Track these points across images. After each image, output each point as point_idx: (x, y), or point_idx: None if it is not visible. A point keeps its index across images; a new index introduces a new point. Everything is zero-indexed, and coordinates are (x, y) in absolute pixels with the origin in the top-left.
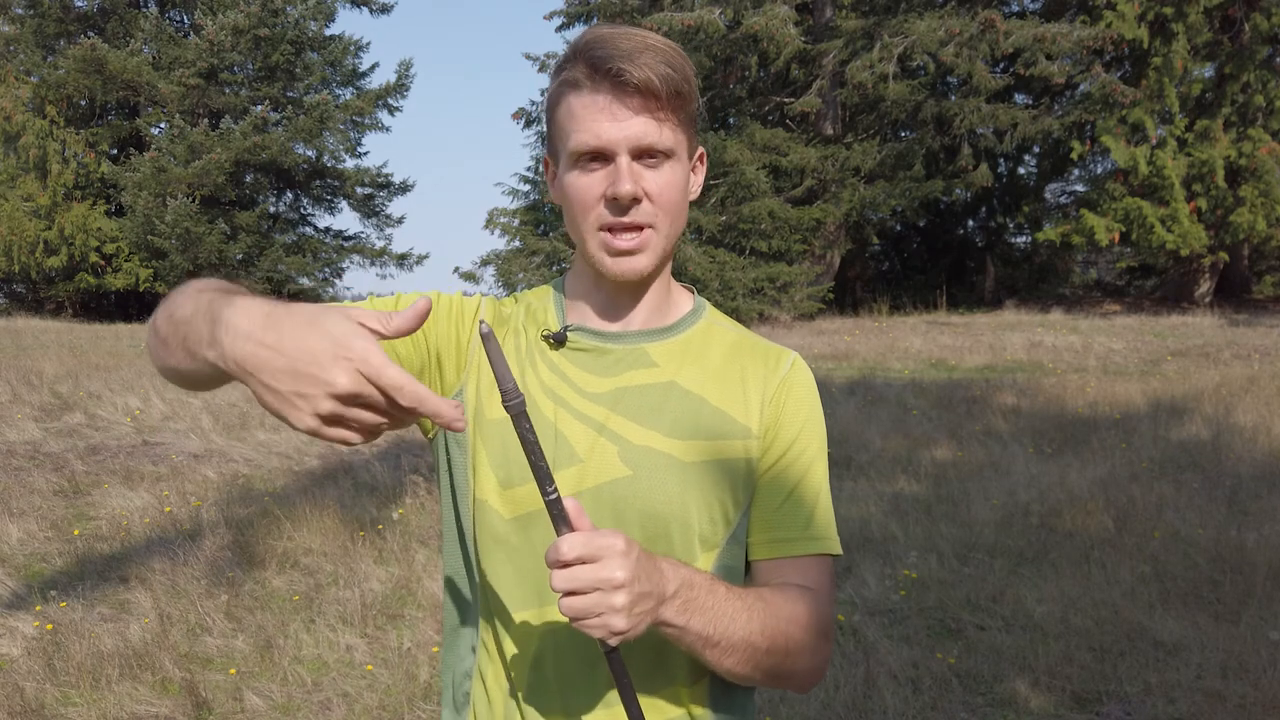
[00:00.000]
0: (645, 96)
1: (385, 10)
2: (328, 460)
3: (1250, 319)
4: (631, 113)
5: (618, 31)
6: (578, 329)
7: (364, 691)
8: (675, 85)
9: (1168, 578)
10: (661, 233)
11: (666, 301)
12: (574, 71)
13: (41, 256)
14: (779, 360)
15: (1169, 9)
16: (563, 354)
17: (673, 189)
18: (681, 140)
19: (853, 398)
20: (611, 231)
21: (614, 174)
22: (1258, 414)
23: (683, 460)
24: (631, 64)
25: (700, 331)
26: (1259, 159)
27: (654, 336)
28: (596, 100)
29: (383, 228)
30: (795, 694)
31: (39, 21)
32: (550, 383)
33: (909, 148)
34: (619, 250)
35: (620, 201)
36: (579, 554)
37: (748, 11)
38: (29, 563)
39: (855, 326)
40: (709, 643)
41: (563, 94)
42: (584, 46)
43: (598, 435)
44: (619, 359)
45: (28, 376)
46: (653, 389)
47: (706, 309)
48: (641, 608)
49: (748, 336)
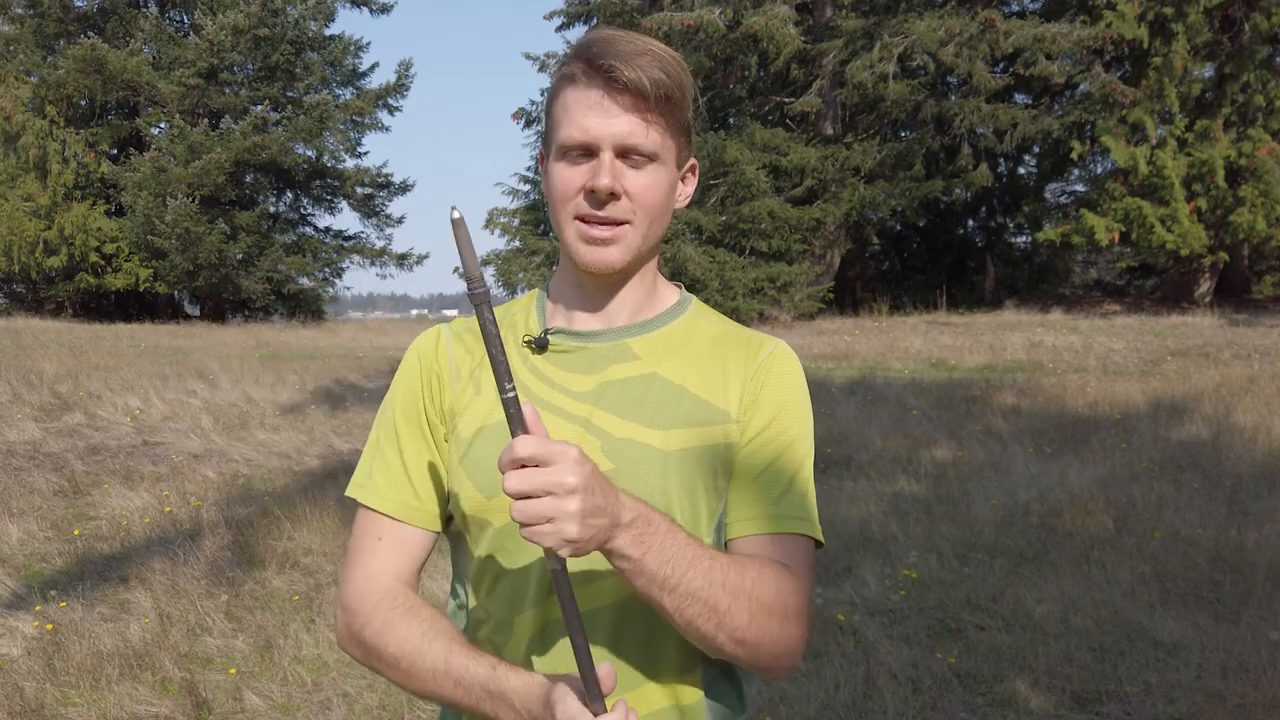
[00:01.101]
0: (634, 96)
1: (385, 10)
2: (328, 460)
3: (1250, 319)
4: (620, 110)
5: (621, 34)
6: (558, 332)
7: (364, 691)
8: (666, 90)
9: (1168, 578)
10: (638, 231)
11: (650, 299)
12: (572, 67)
13: (41, 256)
14: (760, 346)
15: (1169, 9)
16: (546, 358)
17: (654, 191)
18: (669, 146)
19: (853, 398)
20: (587, 221)
21: (596, 168)
22: (1258, 414)
23: (663, 450)
24: (625, 63)
25: (684, 324)
26: (1259, 159)
27: (636, 331)
28: (589, 95)
29: (383, 228)
30: (795, 694)
31: (39, 21)
32: (537, 389)
33: (909, 148)
34: (593, 238)
35: (598, 194)
36: (532, 453)
37: (748, 11)
38: (29, 563)
39: (855, 326)
40: (666, 585)
41: (560, 88)
42: (585, 45)
43: (584, 432)
44: (602, 355)
45: (28, 376)
46: (635, 381)
47: (692, 303)
48: (595, 521)
49: (733, 328)
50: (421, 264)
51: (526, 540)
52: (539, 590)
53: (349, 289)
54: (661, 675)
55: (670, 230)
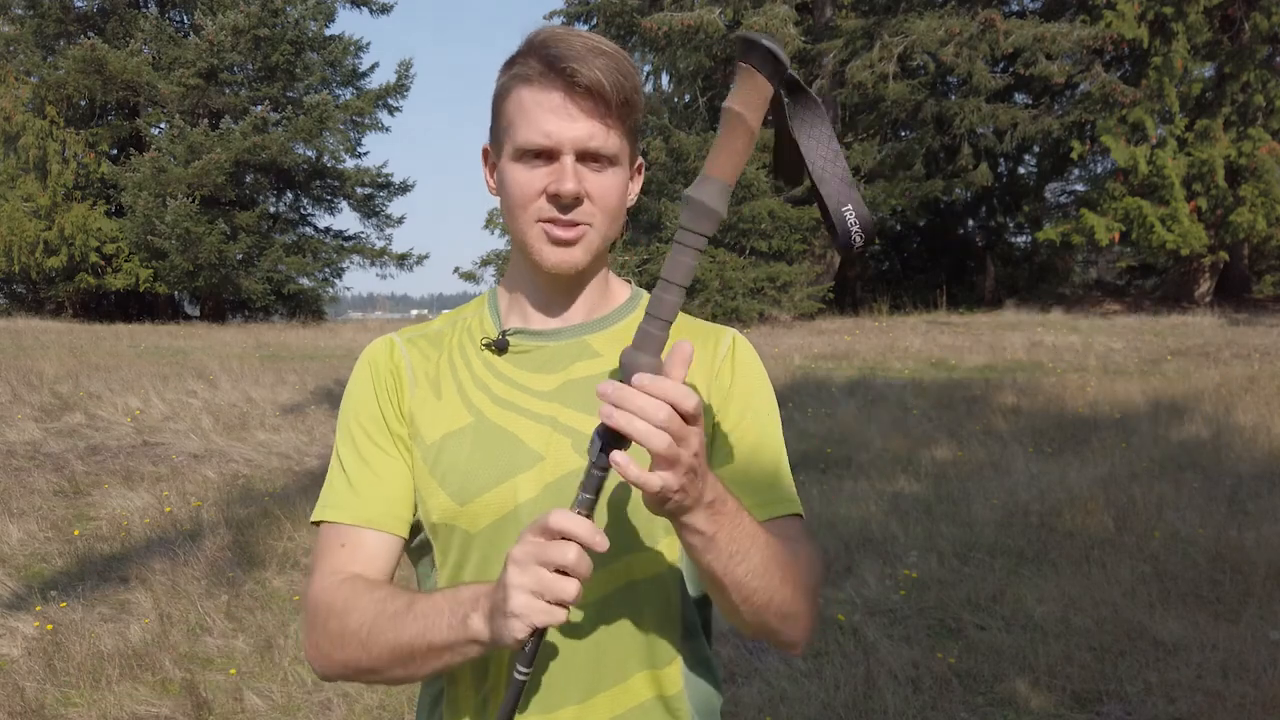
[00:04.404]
0: (595, 100)
1: (385, 10)
2: (327, 460)
3: (1250, 318)
4: (582, 114)
5: (571, 33)
6: (517, 332)
7: (364, 692)
8: (625, 94)
9: (1168, 577)
10: (598, 232)
11: (604, 296)
12: (527, 66)
13: (41, 257)
14: (719, 339)
15: (1169, 9)
16: (507, 359)
17: (613, 193)
18: (625, 148)
19: (853, 398)
20: (553, 224)
21: (558, 172)
22: (1258, 413)
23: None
24: (585, 65)
25: (639, 318)
26: (1259, 158)
27: (594, 328)
28: (549, 98)
29: (383, 228)
30: (795, 693)
31: (39, 21)
32: (501, 392)
33: (909, 147)
34: (559, 239)
35: (562, 199)
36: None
37: (748, 11)
38: (29, 563)
39: (855, 326)
40: (733, 560)
41: (513, 86)
42: (539, 44)
43: (553, 431)
44: (562, 353)
45: (28, 376)
46: (598, 379)
47: (644, 298)
48: (694, 487)
49: (686, 321)
50: (421, 264)
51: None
52: None
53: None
54: (644, 668)
55: (671, 230)
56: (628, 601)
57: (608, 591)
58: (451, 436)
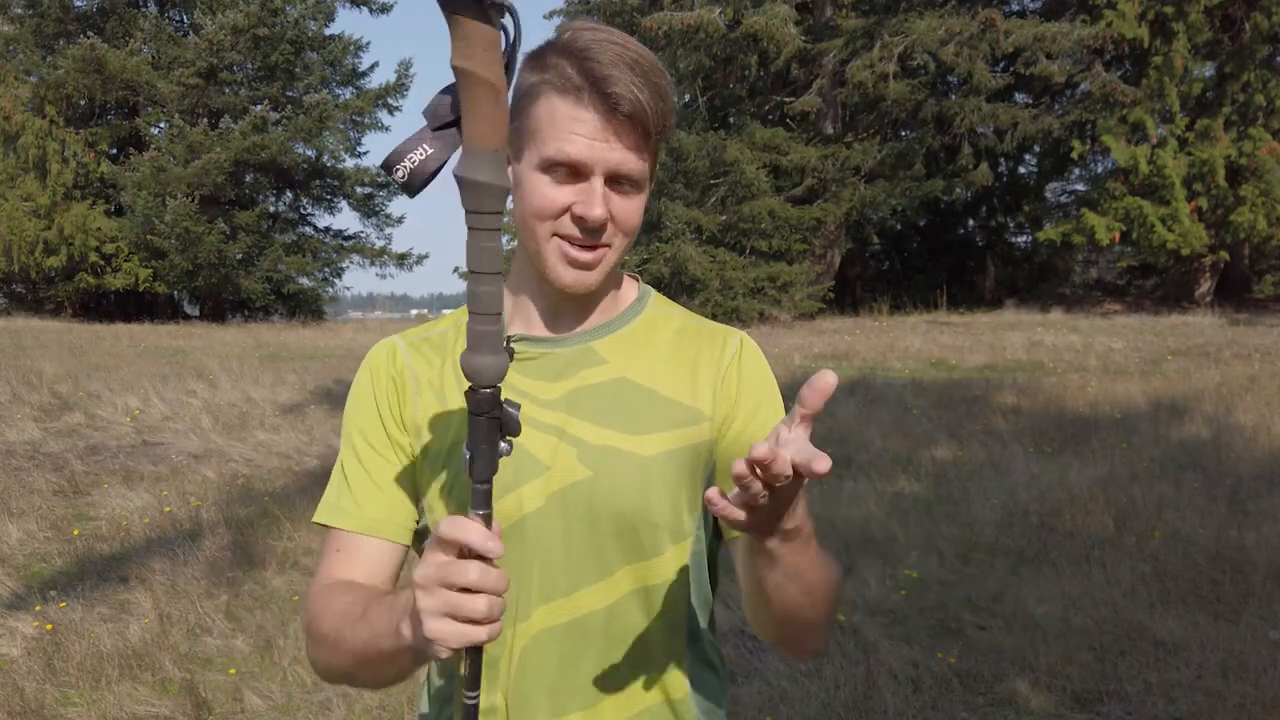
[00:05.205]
0: (634, 127)
1: (385, 10)
2: (327, 460)
3: (1251, 318)
4: (617, 139)
5: (609, 37)
6: (521, 339)
7: (364, 692)
8: (662, 119)
9: (1168, 577)
10: (616, 252)
11: (613, 301)
12: (561, 74)
13: (41, 256)
14: (725, 341)
15: (1169, 8)
16: (512, 367)
17: (635, 215)
18: (650, 171)
19: (853, 397)
20: (571, 242)
21: (586, 193)
22: (1258, 413)
23: (643, 455)
24: (627, 89)
25: (645, 321)
26: (1259, 158)
27: (599, 333)
28: (585, 115)
29: (382, 227)
30: (795, 693)
31: (39, 21)
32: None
33: (909, 147)
34: (578, 262)
35: (588, 223)
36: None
37: (748, 11)
38: (29, 563)
39: (855, 326)
40: (790, 578)
41: (545, 91)
42: (579, 50)
43: (559, 440)
44: (568, 361)
45: (28, 376)
46: (605, 387)
47: (651, 297)
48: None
49: (693, 320)
50: (421, 264)
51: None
52: (518, 600)
53: (349, 289)
54: (652, 673)
55: (670, 230)
56: (636, 607)
57: (616, 598)
58: (457, 446)
